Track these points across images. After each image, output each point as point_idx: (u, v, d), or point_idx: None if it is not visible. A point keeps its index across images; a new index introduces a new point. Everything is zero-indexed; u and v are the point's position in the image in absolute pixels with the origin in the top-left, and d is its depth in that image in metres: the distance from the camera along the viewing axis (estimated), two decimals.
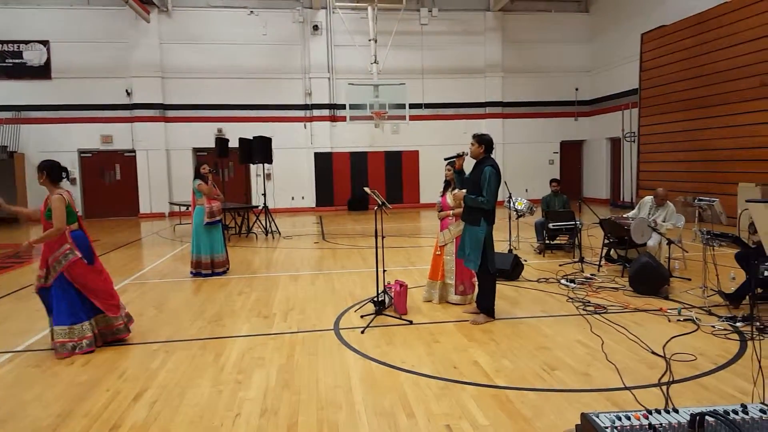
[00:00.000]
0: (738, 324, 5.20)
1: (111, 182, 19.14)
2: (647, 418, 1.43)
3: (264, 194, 13.86)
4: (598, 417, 1.46)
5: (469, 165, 5.53)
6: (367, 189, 6.18)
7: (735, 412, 1.41)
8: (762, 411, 1.42)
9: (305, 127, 19.74)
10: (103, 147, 18.78)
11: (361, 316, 5.78)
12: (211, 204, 8.14)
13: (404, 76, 19.32)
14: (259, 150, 13.41)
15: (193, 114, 19.08)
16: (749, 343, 4.74)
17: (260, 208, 13.69)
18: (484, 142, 5.48)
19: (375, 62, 17.52)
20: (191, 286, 7.72)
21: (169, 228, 15.37)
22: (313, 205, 19.96)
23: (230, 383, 4.20)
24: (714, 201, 6.94)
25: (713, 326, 5.21)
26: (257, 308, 6.39)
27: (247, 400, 3.89)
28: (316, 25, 19.39)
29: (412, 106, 19.23)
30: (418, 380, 4.12)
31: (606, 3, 19.85)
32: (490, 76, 20.50)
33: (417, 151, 20.28)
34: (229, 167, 19.57)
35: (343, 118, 19.11)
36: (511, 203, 9.30)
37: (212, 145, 14.87)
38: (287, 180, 19.64)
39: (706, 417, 1.21)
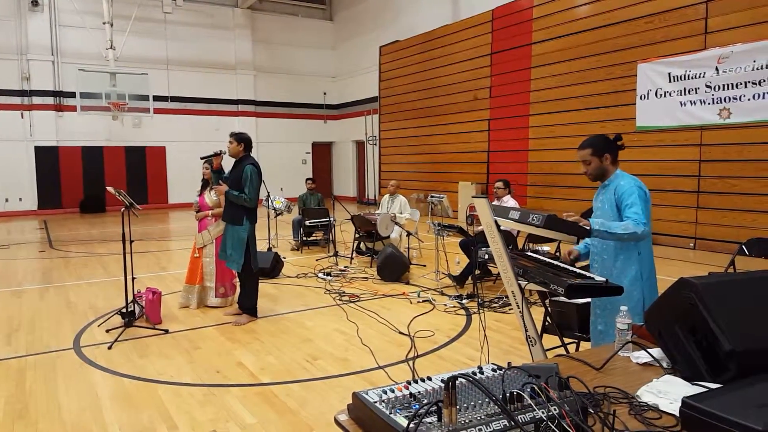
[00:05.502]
0: (464, 301, 6.13)
1: None
2: (407, 388, 1.60)
3: None
4: (367, 394, 1.58)
5: (228, 164, 5.42)
6: (110, 188, 5.61)
7: (474, 373, 1.67)
8: (493, 370, 1.71)
9: (22, 117, 16.83)
10: None
11: (107, 331, 5.23)
12: None
13: (147, 65, 17.88)
14: None
15: None
16: (473, 316, 5.64)
17: None
18: (243, 140, 5.44)
19: (111, 48, 15.83)
20: None
21: None
22: (35, 208, 17.17)
23: None
24: (443, 197, 8.04)
25: (445, 305, 6.05)
26: None
27: None
28: (36, 1, 16.67)
29: (157, 98, 17.94)
30: (179, 390, 3.92)
31: (348, 14, 21.27)
32: (242, 74, 20.27)
33: (164, 148, 18.98)
34: None
35: (73, 108, 16.82)
36: (270, 202, 9.39)
37: None
38: None
39: (458, 379, 1.42)
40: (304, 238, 9.90)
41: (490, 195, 8.01)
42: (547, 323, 3.71)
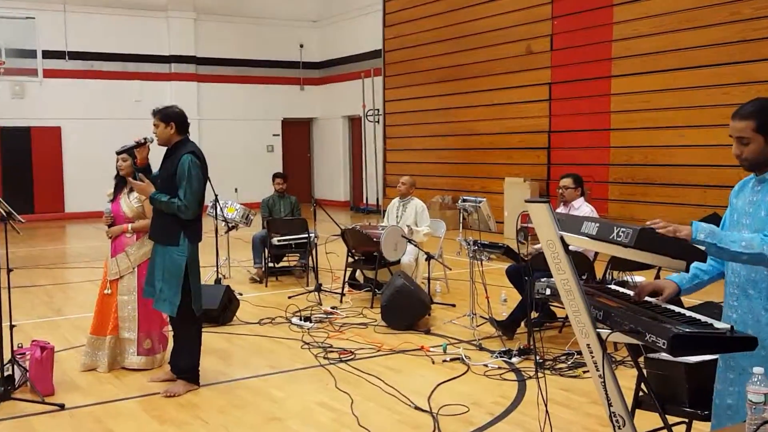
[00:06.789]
0: (514, 360, 6.12)
1: None
2: None
3: None
4: None
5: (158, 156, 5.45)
6: None
7: None
8: None
9: None
10: None
11: None
12: None
13: (33, 5, 18.03)
14: None
15: None
16: (528, 383, 5.61)
17: None
18: (171, 118, 5.47)
19: None
20: None
21: None
22: None
23: None
24: (481, 201, 8.05)
25: (486, 365, 6.04)
26: None
27: None
28: None
29: (49, 54, 18.09)
30: None
31: None
32: (176, 18, 20.46)
33: (58, 128, 19.16)
34: None
35: None
36: (218, 209, 9.40)
37: None
38: None
39: None
40: (271, 265, 9.91)
41: (552, 198, 7.97)
42: (641, 393, 3.69)
